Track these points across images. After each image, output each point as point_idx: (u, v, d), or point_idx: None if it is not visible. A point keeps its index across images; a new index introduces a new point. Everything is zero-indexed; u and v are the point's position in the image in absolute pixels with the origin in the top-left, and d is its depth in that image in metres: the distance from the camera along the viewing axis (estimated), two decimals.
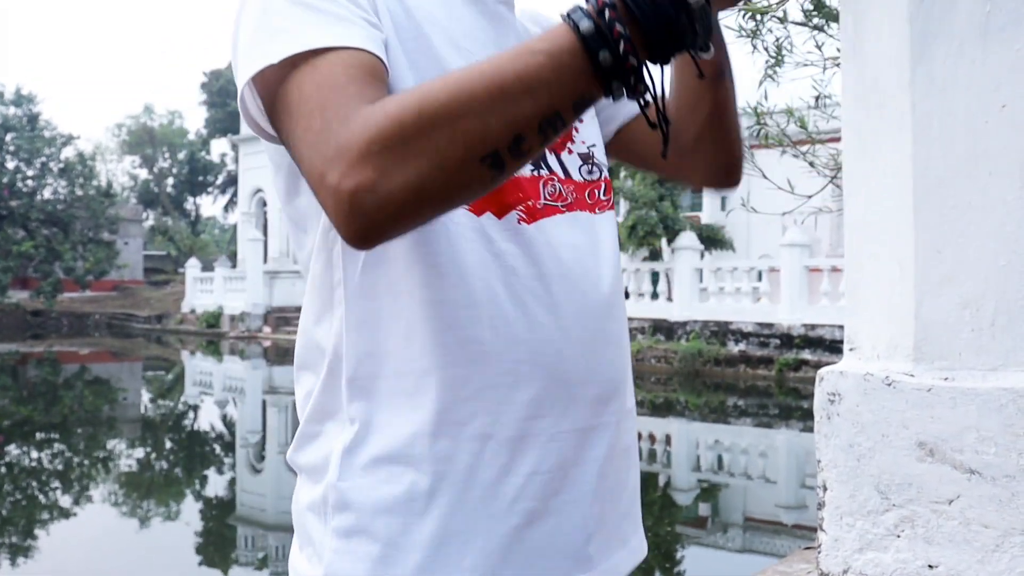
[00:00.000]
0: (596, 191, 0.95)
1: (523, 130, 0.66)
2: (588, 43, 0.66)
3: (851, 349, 1.27)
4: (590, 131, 0.98)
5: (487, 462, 0.81)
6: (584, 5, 0.68)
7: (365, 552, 0.79)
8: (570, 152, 0.94)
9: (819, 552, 1.24)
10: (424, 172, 0.65)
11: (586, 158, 0.96)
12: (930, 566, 1.12)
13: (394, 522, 0.79)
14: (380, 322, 0.81)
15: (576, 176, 0.93)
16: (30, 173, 36.24)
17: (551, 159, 0.91)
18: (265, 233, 30.48)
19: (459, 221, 0.81)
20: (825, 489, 1.23)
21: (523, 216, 0.84)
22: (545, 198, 0.87)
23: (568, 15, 0.68)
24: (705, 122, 0.99)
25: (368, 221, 0.66)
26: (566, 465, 0.84)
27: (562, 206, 0.88)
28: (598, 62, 0.66)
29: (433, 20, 0.85)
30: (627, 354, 0.95)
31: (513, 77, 0.66)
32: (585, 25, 0.66)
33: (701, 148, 1.01)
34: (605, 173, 0.98)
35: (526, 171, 0.86)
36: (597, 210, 0.94)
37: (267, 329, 26.85)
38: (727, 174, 1.05)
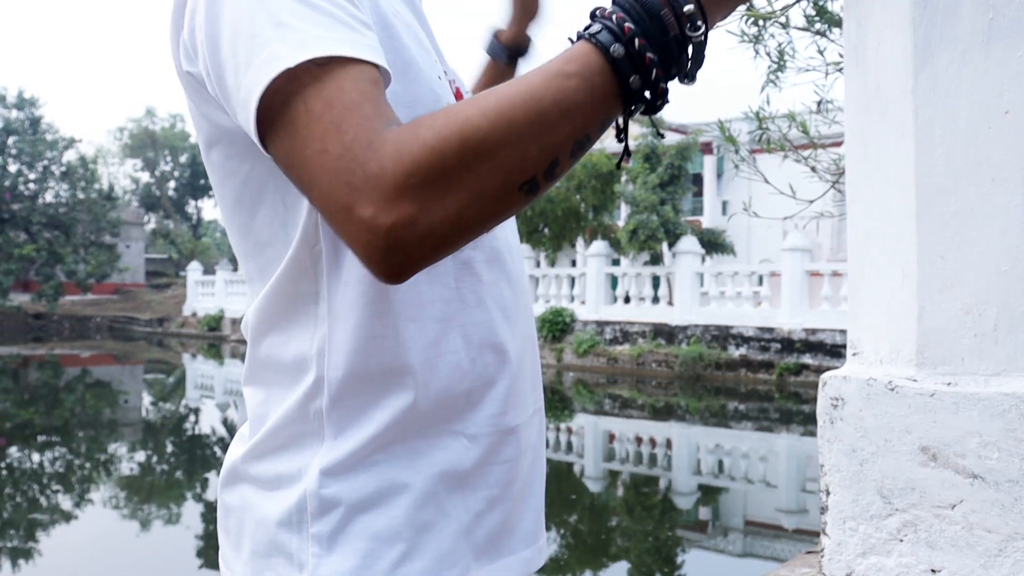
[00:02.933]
0: None
1: (559, 154, 0.67)
2: (619, 67, 0.68)
3: (854, 354, 1.28)
4: None
5: (458, 457, 0.84)
6: (598, 26, 0.70)
7: (352, 549, 0.80)
8: None
9: (822, 556, 1.24)
10: (464, 204, 0.64)
11: None
12: (933, 571, 1.12)
13: (376, 517, 0.81)
14: (360, 337, 0.80)
15: None
16: (32, 176, 36.27)
17: None
18: None
19: None
20: (828, 493, 1.23)
21: None
22: None
23: (591, 36, 0.70)
24: None
25: (406, 257, 0.65)
26: (518, 455, 0.89)
27: None
28: (627, 85, 0.69)
29: (393, 8, 0.83)
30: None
31: (551, 103, 0.67)
32: (617, 50, 0.68)
33: None
34: None
35: None
36: None
37: None
38: None
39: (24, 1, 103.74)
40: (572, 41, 0.72)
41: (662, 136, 0.95)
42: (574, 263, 24.53)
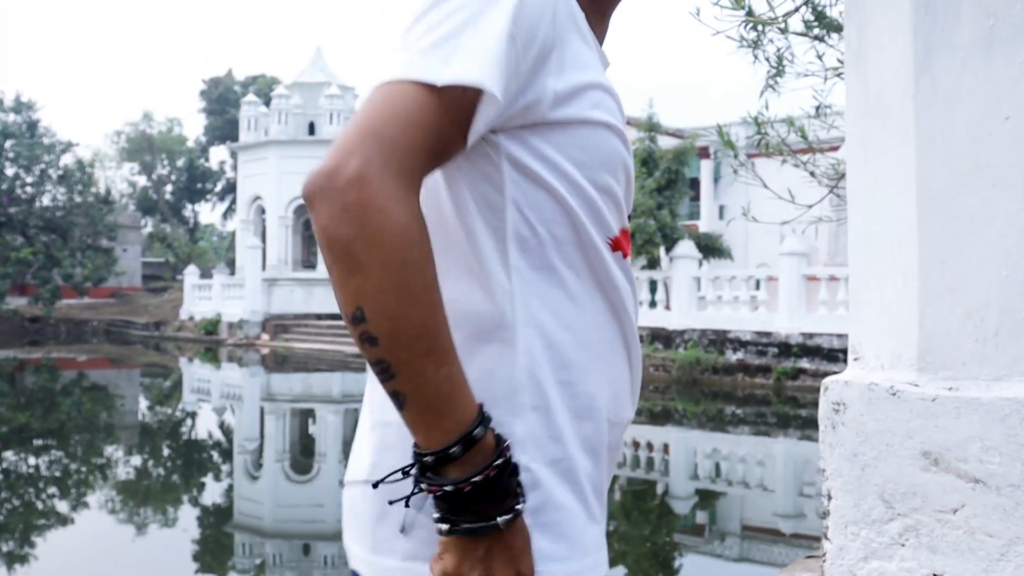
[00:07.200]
0: None
1: (390, 344, 0.80)
2: (433, 454, 0.82)
3: (855, 359, 1.28)
4: None
5: (608, 442, 0.98)
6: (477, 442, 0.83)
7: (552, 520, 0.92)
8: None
9: (824, 561, 1.25)
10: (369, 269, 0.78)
11: None
12: (935, 575, 1.13)
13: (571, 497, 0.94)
14: (572, 317, 0.94)
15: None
16: (29, 180, 36.23)
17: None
18: (263, 240, 30.46)
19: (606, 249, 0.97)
20: (830, 498, 1.24)
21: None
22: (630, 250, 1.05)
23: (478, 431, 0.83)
24: None
25: (326, 215, 0.79)
26: (617, 446, 1.03)
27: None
28: (422, 459, 0.82)
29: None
30: None
31: (434, 351, 0.80)
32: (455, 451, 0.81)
33: None
34: None
35: (624, 222, 1.01)
36: None
37: (265, 336, 26.82)
38: None
39: (21, 5, 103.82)
40: (484, 415, 0.84)
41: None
42: None
